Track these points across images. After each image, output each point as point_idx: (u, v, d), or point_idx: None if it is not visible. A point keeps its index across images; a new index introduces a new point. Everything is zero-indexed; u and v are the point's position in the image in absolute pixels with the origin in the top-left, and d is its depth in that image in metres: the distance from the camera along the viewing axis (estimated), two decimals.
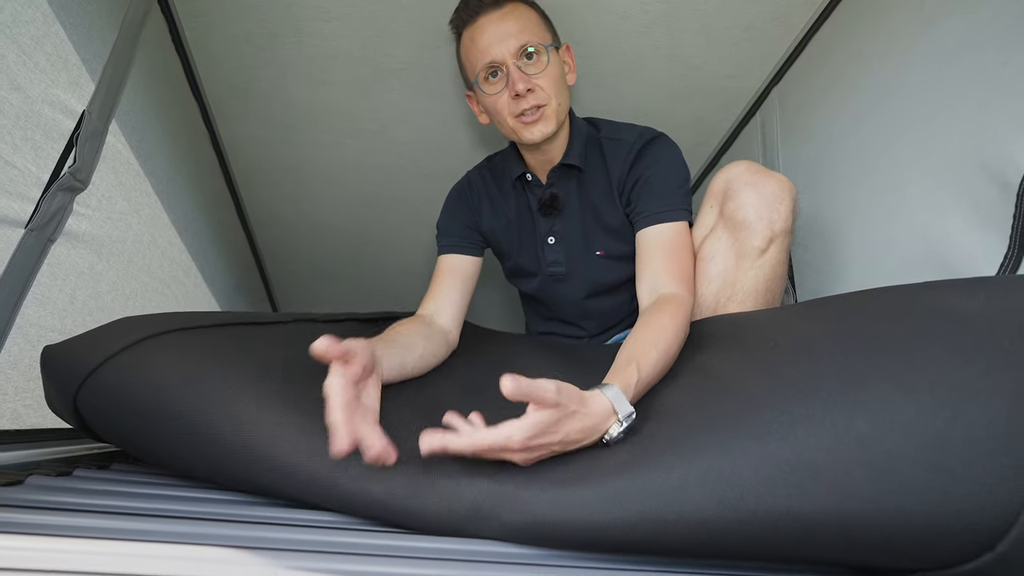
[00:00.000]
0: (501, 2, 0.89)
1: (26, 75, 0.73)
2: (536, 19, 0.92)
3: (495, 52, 0.88)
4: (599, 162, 0.98)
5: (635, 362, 0.63)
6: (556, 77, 0.91)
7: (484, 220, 1.08)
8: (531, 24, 0.90)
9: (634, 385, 0.61)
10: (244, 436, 0.56)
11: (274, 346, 0.75)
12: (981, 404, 0.40)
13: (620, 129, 0.99)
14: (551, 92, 0.90)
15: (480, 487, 0.51)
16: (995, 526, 0.38)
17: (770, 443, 0.44)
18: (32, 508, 0.49)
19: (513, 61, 0.88)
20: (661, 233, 0.88)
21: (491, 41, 0.88)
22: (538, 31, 0.90)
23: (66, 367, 0.63)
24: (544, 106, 0.90)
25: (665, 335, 0.70)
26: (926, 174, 0.78)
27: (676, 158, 0.93)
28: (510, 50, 0.88)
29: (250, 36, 1.08)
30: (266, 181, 1.49)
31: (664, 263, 0.85)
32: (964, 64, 0.73)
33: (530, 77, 0.88)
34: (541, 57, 0.89)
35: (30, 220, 0.77)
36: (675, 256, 0.86)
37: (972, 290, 0.49)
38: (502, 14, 0.89)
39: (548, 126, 0.91)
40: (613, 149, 0.96)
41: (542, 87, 0.89)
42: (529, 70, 0.89)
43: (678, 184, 0.91)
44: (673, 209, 0.89)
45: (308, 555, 0.44)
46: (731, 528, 0.43)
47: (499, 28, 0.88)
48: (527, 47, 0.88)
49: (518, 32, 0.88)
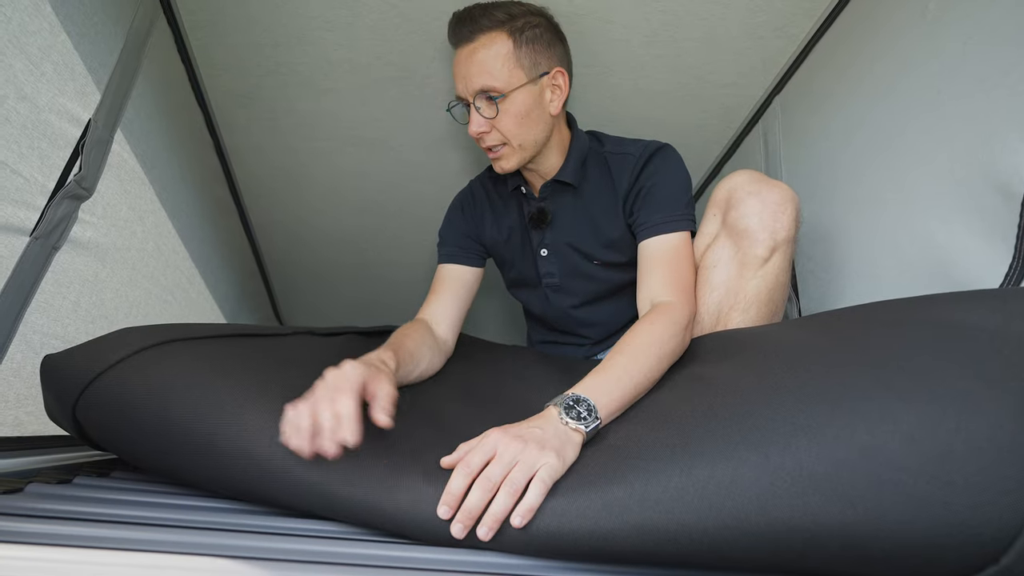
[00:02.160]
0: (474, 35, 0.86)
1: (33, 84, 0.74)
2: (508, 54, 0.86)
3: (460, 88, 0.89)
4: (603, 177, 0.98)
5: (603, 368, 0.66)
6: (519, 117, 0.88)
7: (485, 230, 1.09)
8: (498, 64, 0.86)
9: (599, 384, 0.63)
10: (243, 445, 0.55)
11: (274, 357, 0.75)
12: (984, 416, 0.39)
13: (624, 144, 0.99)
14: (511, 134, 0.89)
15: None
16: (999, 538, 0.38)
17: (771, 453, 0.44)
18: (31, 516, 0.49)
19: (473, 101, 0.88)
20: (661, 244, 0.88)
21: (458, 76, 0.89)
22: (504, 72, 0.86)
23: (65, 377, 0.63)
24: (504, 145, 0.91)
25: (644, 340, 0.71)
26: (930, 183, 0.78)
27: (678, 168, 0.93)
28: (469, 90, 0.87)
29: (254, 45, 1.09)
30: (269, 188, 1.50)
31: (662, 274, 0.86)
32: (967, 72, 0.73)
33: (487, 120, 0.88)
34: (500, 102, 0.87)
35: (35, 228, 0.77)
36: (673, 267, 0.86)
37: (973, 303, 0.49)
38: (471, 50, 0.87)
39: (508, 163, 0.92)
40: (619, 163, 0.96)
41: (500, 129, 0.89)
42: (486, 113, 0.88)
43: (680, 194, 0.91)
44: (674, 220, 0.89)
45: (309, 566, 0.44)
46: (732, 538, 0.43)
47: (465, 66, 0.87)
48: (485, 91, 0.87)
49: (479, 74, 0.86)
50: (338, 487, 0.53)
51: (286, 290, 1.96)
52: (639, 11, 1.01)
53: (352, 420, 0.52)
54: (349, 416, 0.52)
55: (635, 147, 0.96)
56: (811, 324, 0.64)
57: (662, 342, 0.71)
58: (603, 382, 0.64)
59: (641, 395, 0.67)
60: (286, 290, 1.96)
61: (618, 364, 0.67)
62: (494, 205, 1.09)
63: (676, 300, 0.81)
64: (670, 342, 0.73)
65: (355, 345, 0.92)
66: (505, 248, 1.09)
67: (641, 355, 0.68)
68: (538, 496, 0.49)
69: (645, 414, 0.62)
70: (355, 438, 0.51)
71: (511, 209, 1.07)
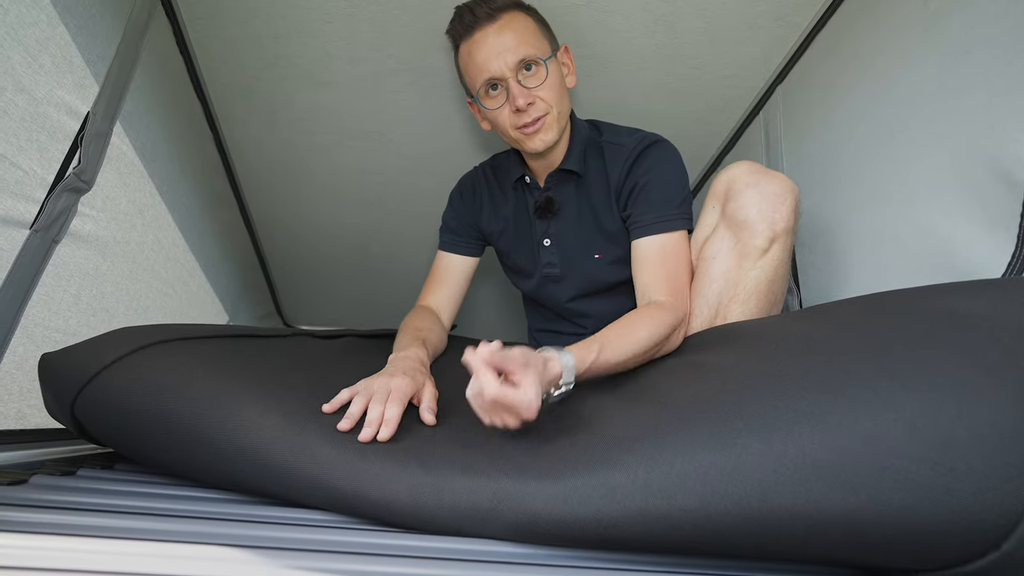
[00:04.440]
0: (496, 14, 0.87)
1: (31, 77, 0.73)
2: (533, 28, 0.89)
3: (494, 67, 0.87)
4: (599, 166, 0.98)
5: (599, 342, 0.71)
6: (556, 85, 0.90)
7: (484, 219, 1.10)
8: (528, 35, 0.88)
9: (590, 362, 0.68)
10: (241, 440, 0.56)
11: (273, 357, 0.75)
12: (986, 403, 0.40)
13: (621, 133, 0.98)
14: (552, 102, 0.90)
15: (478, 484, 0.51)
16: (1001, 524, 0.38)
17: (774, 440, 0.44)
18: (36, 507, 0.49)
19: (512, 76, 0.87)
20: (654, 244, 0.89)
21: (489, 56, 0.87)
22: (535, 42, 0.88)
23: (63, 375, 0.63)
24: (545, 115, 0.90)
25: (635, 329, 0.75)
26: (932, 173, 0.77)
27: (674, 164, 0.93)
28: (508, 65, 0.86)
29: (253, 38, 1.08)
30: (269, 182, 1.49)
31: (655, 274, 0.87)
32: (969, 61, 0.72)
33: (530, 91, 0.88)
34: (540, 69, 0.88)
35: (35, 221, 0.77)
36: (667, 267, 0.87)
37: (974, 292, 0.49)
38: (499, 27, 0.87)
39: (550, 134, 0.92)
40: (613, 154, 0.96)
41: (543, 98, 0.89)
42: (529, 83, 0.88)
43: (674, 192, 0.91)
44: (668, 219, 0.89)
45: (311, 554, 0.44)
46: (734, 525, 0.43)
47: (496, 43, 0.86)
48: (526, 61, 0.87)
49: (516, 46, 0.86)
50: (336, 480, 0.53)
51: (287, 284, 1.96)
52: (638, 1, 1.00)
53: (394, 425, 0.61)
54: (393, 421, 0.61)
55: (631, 139, 0.96)
56: (813, 314, 0.64)
57: (653, 338, 0.75)
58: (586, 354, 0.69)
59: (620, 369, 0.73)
60: (287, 284, 1.96)
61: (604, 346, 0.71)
62: (493, 194, 1.09)
63: (669, 300, 0.82)
64: (662, 333, 0.76)
65: (354, 348, 0.93)
66: (501, 237, 1.10)
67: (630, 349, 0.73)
68: None
69: (644, 398, 0.63)
70: (386, 438, 0.59)
71: (509, 199, 1.07)
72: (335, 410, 0.63)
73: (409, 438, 0.60)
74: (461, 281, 1.08)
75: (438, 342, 0.94)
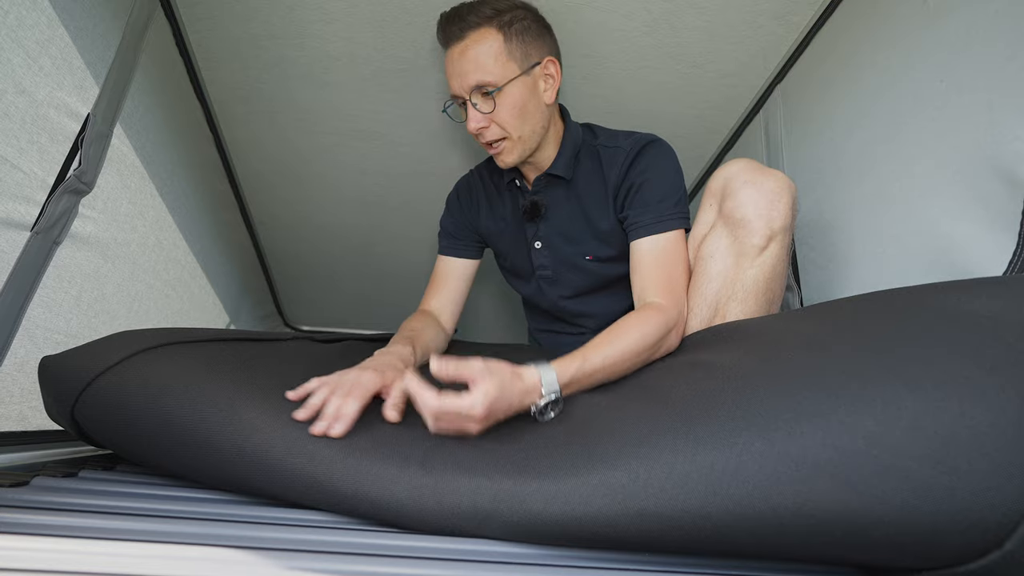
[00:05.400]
0: (464, 33, 0.87)
1: (31, 79, 0.73)
2: (499, 48, 0.87)
3: (454, 86, 0.90)
4: (595, 169, 0.98)
5: (583, 351, 0.71)
6: (517, 108, 0.89)
7: (482, 221, 1.10)
8: (489, 59, 0.86)
9: (574, 369, 0.68)
10: (241, 442, 0.56)
11: (273, 360, 0.76)
12: (988, 402, 0.40)
13: (616, 136, 0.99)
14: (510, 126, 0.90)
15: (479, 485, 0.51)
16: (1003, 523, 0.38)
17: (776, 440, 0.44)
18: (38, 509, 0.49)
19: (470, 98, 0.88)
20: (651, 245, 0.89)
21: (451, 74, 0.89)
22: (497, 66, 0.86)
23: (63, 379, 0.63)
24: (504, 139, 0.91)
25: (624, 333, 0.75)
26: (932, 171, 0.77)
27: (670, 164, 0.93)
28: (464, 87, 0.88)
29: (252, 38, 1.08)
30: (269, 183, 1.49)
31: (652, 276, 0.87)
32: (970, 59, 0.72)
33: (485, 115, 0.88)
34: (497, 94, 0.87)
35: (36, 223, 0.77)
36: (663, 267, 0.87)
37: (976, 290, 0.49)
38: (462, 48, 0.87)
39: (509, 156, 0.93)
40: (610, 156, 0.96)
41: (499, 123, 0.89)
42: (484, 108, 0.88)
43: (670, 192, 0.90)
44: (664, 219, 0.89)
45: (312, 555, 0.44)
46: (736, 525, 0.43)
47: (458, 64, 0.88)
48: (481, 87, 0.87)
49: (473, 70, 0.86)
50: (335, 481, 0.53)
51: (288, 284, 1.96)
52: (639, 0, 1.00)
53: (348, 422, 0.59)
54: (348, 418, 0.60)
55: (627, 141, 0.96)
56: (814, 313, 0.64)
57: (646, 342, 0.75)
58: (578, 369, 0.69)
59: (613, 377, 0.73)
60: (288, 284, 1.96)
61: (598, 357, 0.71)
62: (490, 195, 1.10)
63: (665, 302, 0.82)
64: (653, 335, 0.76)
65: (355, 351, 0.93)
66: (500, 239, 1.10)
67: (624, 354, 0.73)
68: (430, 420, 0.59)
69: (645, 397, 0.62)
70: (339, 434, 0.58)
71: (506, 201, 1.08)
72: (300, 398, 0.63)
73: (408, 438, 0.60)
74: (461, 284, 1.09)
75: (430, 342, 0.94)
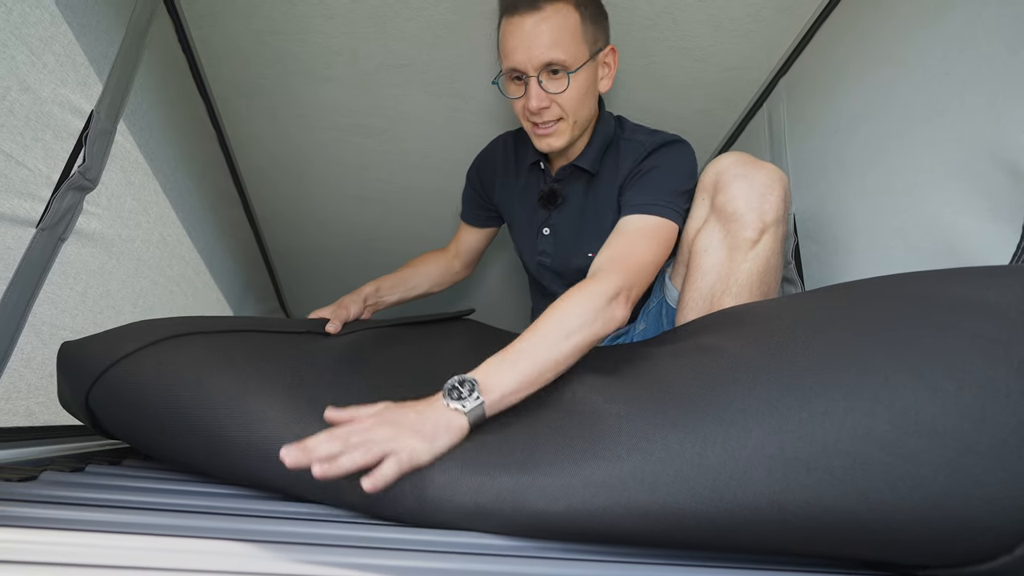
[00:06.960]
0: (541, 3, 0.81)
1: (35, 76, 0.74)
2: (575, 27, 0.83)
3: (519, 60, 0.83)
4: (614, 165, 0.97)
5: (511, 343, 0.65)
6: (580, 93, 0.86)
7: (495, 191, 1.13)
8: (566, 36, 0.82)
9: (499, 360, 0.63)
10: (250, 434, 0.56)
11: (286, 352, 0.75)
12: (1011, 406, 0.38)
13: (640, 131, 0.97)
14: (570, 109, 0.87)
15: (482, 483, 0.51)
16: (1016, 530, 0.37)
17: (787, 441, 0.43)
18: (46, 503, 0.50)
19: (535, 75, 0.83)
20: (631, 222, 0.85)
21: (518, 46, 0.83)
22: (572, 45, 0.83)
23: (80, 364, 0.64)
24: (559, 121, 0.88)
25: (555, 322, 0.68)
26: (936, 164, 0.77)
27: (683, 163, 0.91)
28: (534, 64, 0.83)
29: (254, 34, 1.08)
30: (272, 179, 1.50)
31: (614, 247, 0.82)
32: (974, 53, 0.71)
33: (550, 95, 0.85)
34: (567, 75, 0.84)
35: (41, 219, 0.78)
36: (629, 243, 0.82)
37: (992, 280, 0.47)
38: (538, 19, 0.81)
39: (559, 140, 0.90)
40: (628, 150, 0.95)
41: (561, 104, 0.86)
42: (550, 88, 0.84)
43: (672, 183, 0.88)
44: (655, 204, 0.86)
45: (318, 548, 0.44)
46: (741, 526, 0.43)
47: (530, 35, 0.82)
48: (553, 65, 0.83)
49: (548, 46, 0.81)
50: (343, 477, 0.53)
51: (291, 279, 1.96)
52: None
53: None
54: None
55: (649, 137, 0.94)
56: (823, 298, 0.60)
57: (574, 325, 0.68)
58: (499, 364, 0.63)
59: (552, 375, 0.65)
60: (291, 279, 1.96)
61: (519, 347, 0.65)
62: (508, 169, 1.10)
63: (612, 275, 0.75)
64: (584, 317, 0.69)
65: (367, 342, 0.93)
66: (510, 212, 1.13)
67: (550, 336, 0.67)
68: (390, 469, 0.50)
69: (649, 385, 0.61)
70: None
71: (522, 178, 1.07)
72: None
73: None
74: (479, 243, 1.23)
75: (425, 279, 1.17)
